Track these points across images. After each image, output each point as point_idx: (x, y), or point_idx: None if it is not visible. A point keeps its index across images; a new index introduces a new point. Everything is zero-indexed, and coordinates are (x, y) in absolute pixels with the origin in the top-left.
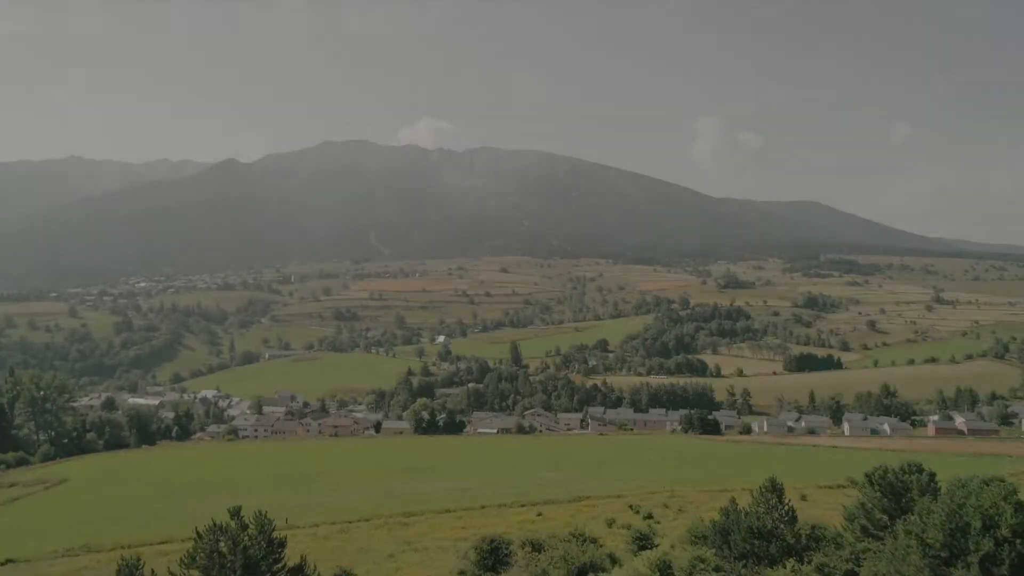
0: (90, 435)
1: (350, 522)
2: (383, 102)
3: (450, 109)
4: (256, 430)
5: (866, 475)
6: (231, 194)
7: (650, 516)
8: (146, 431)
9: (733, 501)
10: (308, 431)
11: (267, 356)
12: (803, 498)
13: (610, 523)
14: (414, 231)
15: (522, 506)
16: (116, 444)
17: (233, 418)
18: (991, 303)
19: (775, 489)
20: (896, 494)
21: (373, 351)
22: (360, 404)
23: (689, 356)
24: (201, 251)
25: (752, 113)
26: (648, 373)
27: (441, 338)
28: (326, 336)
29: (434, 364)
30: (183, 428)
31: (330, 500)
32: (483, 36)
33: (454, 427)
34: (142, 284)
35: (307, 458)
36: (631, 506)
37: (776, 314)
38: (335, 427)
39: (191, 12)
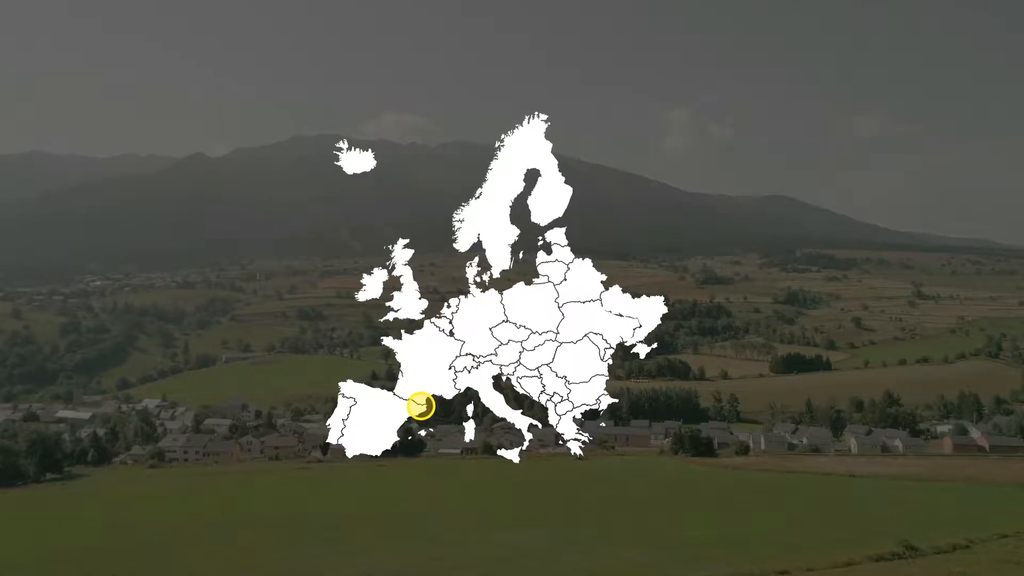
0: None
1: None
2: (356, 97)
3: (421, 104)
4: (187, 452)
5: None
6: (198, 189)
7: None
8: (51, 458)
9: None
10: (249, 451)
11: (224, 359)
12: None
13: None
14: (387, 227)
15: None
16: (12, 474)
17: (167, 432)
18: (973, 298)
19: None
20: None
21: (338, 352)
22: (318, 413)
23: (670, 357)
24: (165, 248)
25: (723, 107)
26: (627, 376)
27: None
28: (288, 337)
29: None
30: (101, 451)
31: None
32: (454, 30)
33: (412, 447)
34: (96, 283)
35: (215, 501)
36: None
37: (757, 311)
38: (277, 448)
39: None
